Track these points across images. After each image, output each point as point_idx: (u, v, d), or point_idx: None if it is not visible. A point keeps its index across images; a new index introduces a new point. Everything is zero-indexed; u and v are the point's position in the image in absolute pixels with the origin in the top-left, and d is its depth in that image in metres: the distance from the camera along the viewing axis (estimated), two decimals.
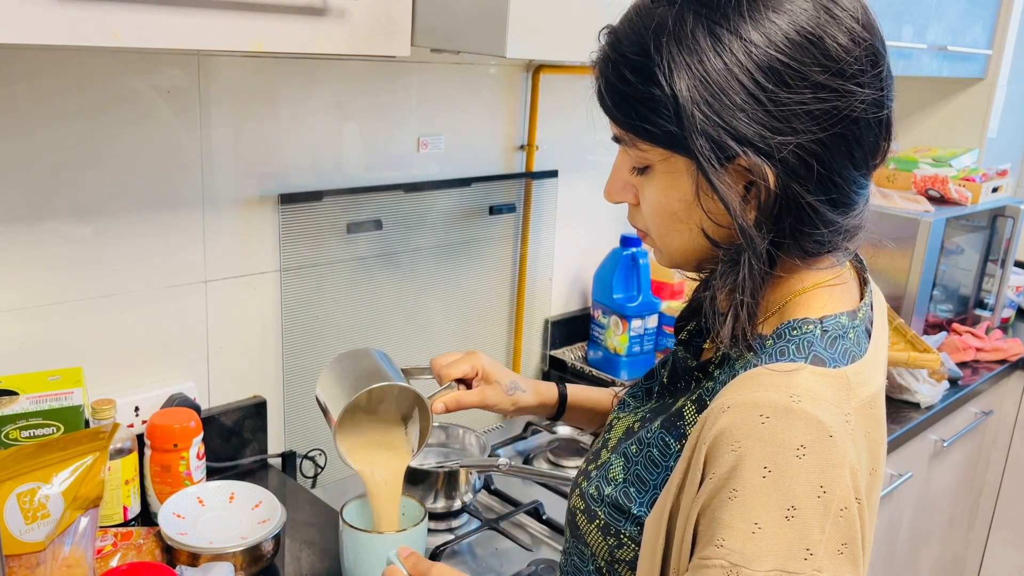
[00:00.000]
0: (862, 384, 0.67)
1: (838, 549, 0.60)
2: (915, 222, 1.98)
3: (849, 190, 0.68)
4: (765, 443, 0.60)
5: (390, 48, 1.02)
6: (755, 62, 0.63)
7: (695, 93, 0.63)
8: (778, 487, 0.60)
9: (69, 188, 1.17)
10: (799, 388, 0.63)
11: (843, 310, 0.71)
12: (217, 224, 1.32)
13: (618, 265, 1.80)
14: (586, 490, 0.78)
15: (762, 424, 0.61)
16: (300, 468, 1.47)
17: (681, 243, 0.72)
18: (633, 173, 0.73)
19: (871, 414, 0.68)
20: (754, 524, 0.60)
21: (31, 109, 1.12)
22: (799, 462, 0.60)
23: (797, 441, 0.60)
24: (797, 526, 0.59)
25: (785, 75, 0.63)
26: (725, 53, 0.63)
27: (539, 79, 1.68)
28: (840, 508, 0.60)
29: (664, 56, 0.64)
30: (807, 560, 0.59)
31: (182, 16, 0.84)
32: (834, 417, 0.62)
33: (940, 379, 1.91)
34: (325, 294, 1.48)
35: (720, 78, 0.63)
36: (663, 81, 0.64)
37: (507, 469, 1.29)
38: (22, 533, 0.93)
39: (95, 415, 1.15)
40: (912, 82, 2.56)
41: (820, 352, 0.67)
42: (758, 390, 0.63)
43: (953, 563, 2.40)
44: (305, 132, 1.39)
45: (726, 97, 0.63)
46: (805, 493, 0.60)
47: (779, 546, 0.59)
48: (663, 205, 0.71)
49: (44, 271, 1.18)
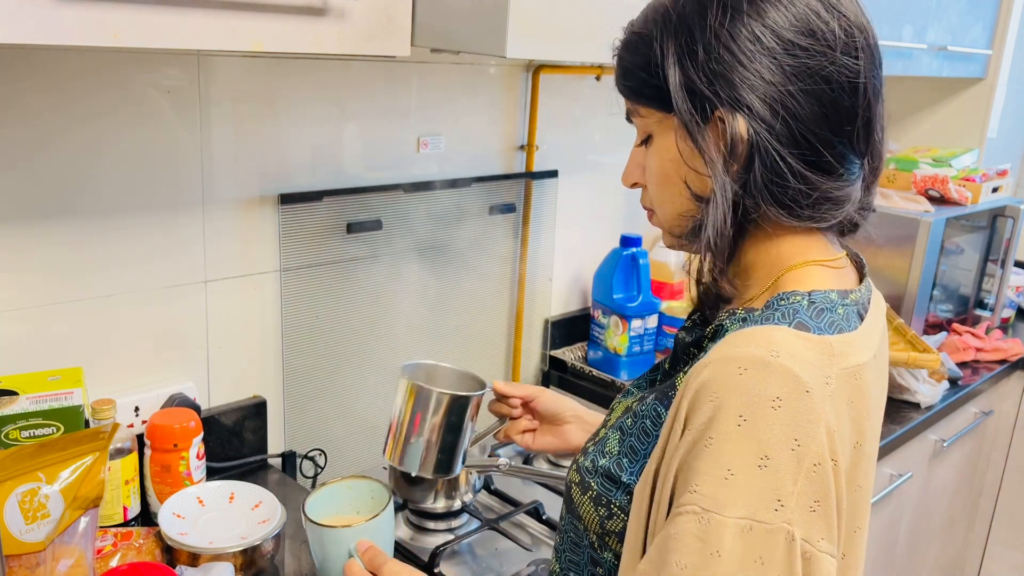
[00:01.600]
0: (847, 354, 0.68)
1: (810, 505, 0.61)
2: (915, 222, 1.98)
3: (827, 152, 0.70)
4: (741, 394, 0.62)
5: (390, 48, 1.02)
6: (734, 20, 0.69)
7: (680, 52, 0.70)
8: (752, 436, 0.61)
9: (69, 188, 1.17)
10: (779, 345, 0.64)
11: (834, 288, 0.73)
12: (217, 224, 1.32)
13: (618, 265, 1.80)
14: (582, 464, 0.80)
15: (739, 376, 0.63)
16: (300, 468, 1.47)
17: (674, 207, 0.77)
18: (643, 150, 0.79)
19: (856, 384, 0.68)
20: (727, 471, 0.61)
21: (31, 109, 1.12)
22: (774, 413, 0.61)
23: (773, 393, 0.62)
24: (769, 476, 0.60)
25: (757, 31, 0.69)
26: (706, 16, 0.70)
27: (539, 79, 1.68)
28: (814, 463, 0.61)
29: (659, 25, 0.72)
30: (778, 511, 0.60)
31: (182, 16, 0.84)
32: (813, 376, 0.63)
33: (940, 379, 1.91)
34: (325, 294, 1.48)
35: (703, 37, 0.69)
36: (655, 45, 0.72)
37: (507, 469, 1.29)
38: (22, 533, 0.93)
39: (95, 415, 1.15)
40: (912, 82, 2.56)
41: (805, 319, 0.69)
42: (739, 346, 0.65)
43: (953, 563, 2.40)
44: (305, 132, 1.39)
45: (705, 53, 0.69)
46: (779, 444, 0.61)
47: (750, 494, 0.60)
48: (659, 169, 0.76)
49: (44, 271, 1.18)
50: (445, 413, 1.02)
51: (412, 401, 1.03)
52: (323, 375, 1.51)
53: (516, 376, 1.85)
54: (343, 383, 1.55)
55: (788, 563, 0.60)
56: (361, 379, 1.57)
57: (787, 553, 0.60)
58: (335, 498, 1.06)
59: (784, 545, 0.60)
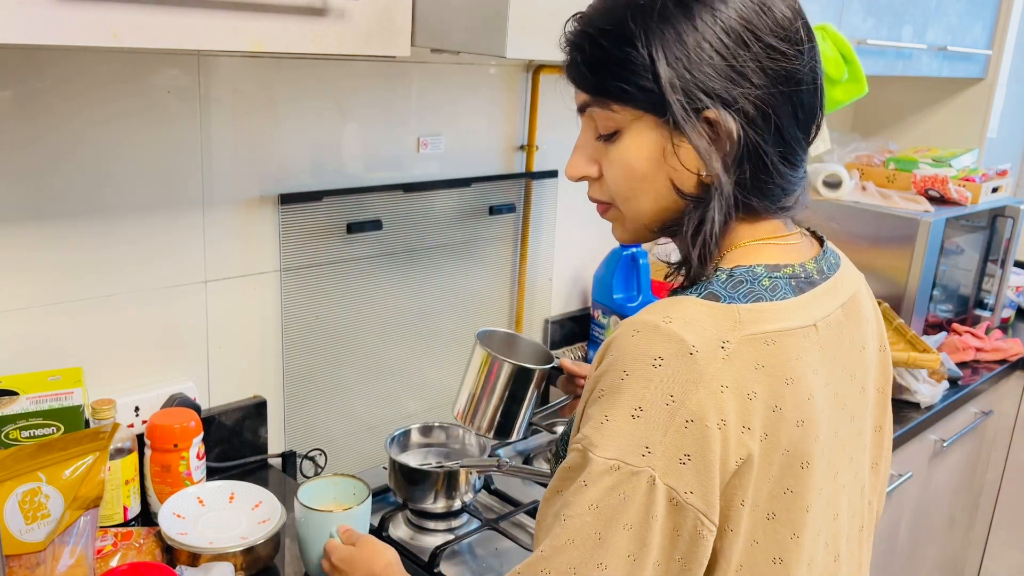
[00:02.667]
0: (758, 321, 0.71)
1: (679, 458, 0.67)
2: (915, 222, 1.98)
3: (796, 148, 0.76)
4: (628, 352, 0.69)
5: (390, 48, 1.02)
6: (720, 25, 0.71)
7: (669, 53, 0.71)
8: (630, 389, 0.68)
9: (69, 188, 1.17)
10: (675, 312, 0.70)
11: (763, 263, 0.76)
12: (217, 224, 1.32)
13: (618, 265, 1.80)
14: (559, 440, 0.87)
15: (631, 337, 0.69)
16: (300, 468, 1.47)
17: (647, 204, 0.77)
18: (599, 142, 0.78)
19: (768, 350, 0.71)
20: (604, 417, 0.68)
21: (31, 109, 1.12)
22: (653, 370, 0.67)
23: (656, 352, 0.68)
24: (640, 425, 0.67)
25: (743, 36, 0.71)
26: (693, 19, 0.71)
27: (539, 79, 1.68)
28: (686, 419, 0.66)
29: (639, 24, 0.72)
30: (644, 457, 0.66)
31: (182, 16, 0.84)
32: (704, 340, 0.68)
33: (940, 379, 1.91)
34: (325, 294, 1.48)
35: (690, 39, 0.71)
36: (639, 44, 0.72)
37: (507, 469, 1.29)
38: (22, 533, 0.93)
39: (95, 415, 1.15)
40: (912, 82, 2.56)
41: (716, 290, 0.73)
42: (642, 313, 0.72)
43: (953, 563, 2.40)
44: (305, 132, 1.39)
45: (695, 55, 0.71)
46: (654, 398, 0.67)
47: (621, 439, 0.67)
48: (632, 166, 0.76)
49: (44, 271, 1.18)
50: (509, 382, 1.10)
51: (484, 367, 1.11)
52: (323, 375, 1.51)
53: None
54: (343, 383, 1.55)
55: (647, 503, 0.66)
56: (361, 379, 1.57)
57: (647, 494, 0.66)
58: (322, 491, 1.18)
59: (645, 487, 0.66)
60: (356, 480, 1.19)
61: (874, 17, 1.96)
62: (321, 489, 1.18)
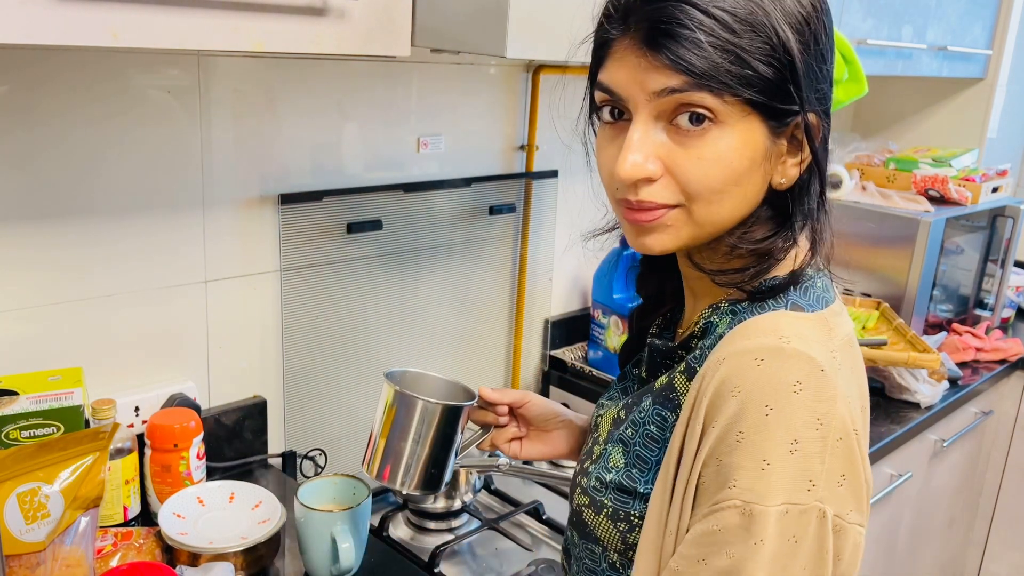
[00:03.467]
0: (840, 325, 0.71)
1: (837, 481, 0.63)
2: (915, 222, 1.98)
3: None
4: (763, 384, 0.63)
5: (390, 48, 1.02)
6: (822, 25, 0.69)
7: (799, 39, 0.66)
8: (780, 423, 0.62)
9: (69, 188, 1.17)
10: (786, 330, 0.66)
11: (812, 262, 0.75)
12: (217, 224, 1.32)
13: (618, 265, 1.80)
14: (587, 485, 0.78)
15: (758, 367, 0.64)
16: (300, 468, 1.47)
17: (732, 208, 0.70)
18: (666, 137, 0.68)
19: (852, 352, 0.71)
20: (763, 461, 0.62)
21: (31, 109, 1.12)
22: (797, 397, 0.63)
23: (793, 378, 0.63)
24: (800, 459, 0.62)
25: (831, 40, 0.70)
26: (810, 17, 0.68)
27: (539, 79, 1.68)
28: (836, 438, 0.63)
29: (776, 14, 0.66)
30: (810, 491, 0.62)
31: (182, 16, 0.84)
32: (822, 353, 0.66)
33: (940, 379, 1.91)
34: (325, 294, 1.48)
35: (809, 38, 0.67)
36: (769, 31, 0.65)
37: (507, 469, 1.29)
38: (22, 533, 0.93)
39: (95, 415, 1.15)
40: (912, 82, 2.56)
41: (796, 300, 0.71)
42: (748, 338, 0.66)
43: (953, 563, 2.40)
44: (305, 132, 1.39)
45: (815, 55, 0.68)
46: (805, 426, 0.63)
47: (786, 480, 0.62)
48: (733, 166, 0.67)
49: (44, 271, 1.18)
50: (437, 425, 0.94)
51: (399, 411, 0.95)
52: (323, 375, 1.51)
53: (516, 376, 1.85)
54: (343, 383, 1.55)
55: (820, 538, 0.63)
56: (361, 379, 1.57)
57: (819, 529, 0.63)
58: (322, 491, 1.18)
59: (816, 522, 0.63)
60: (356, 480, 1.18)
61: (874, 17, 1.96)
62: (321, 489, 1.18)
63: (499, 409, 1.00)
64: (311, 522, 1.11)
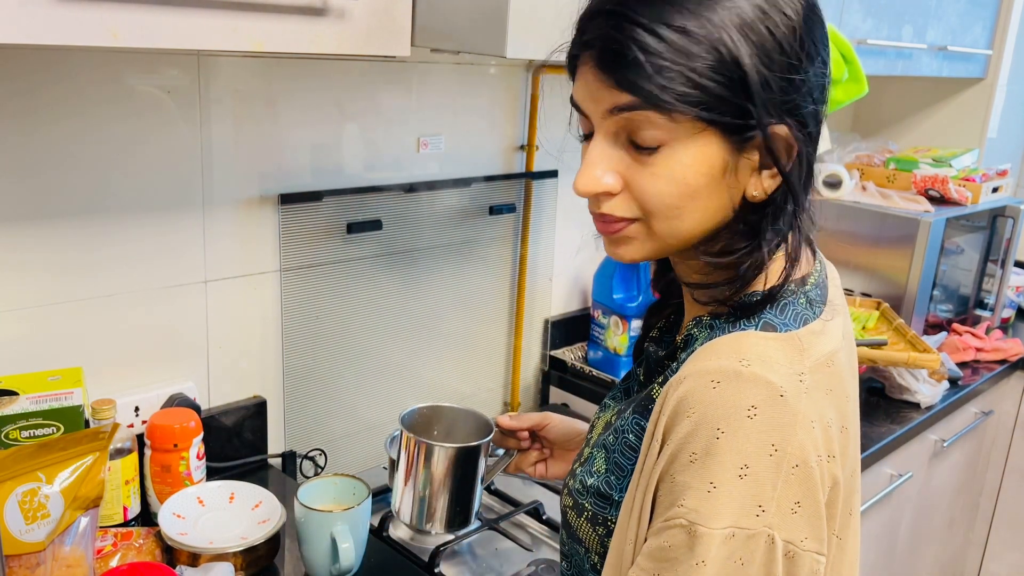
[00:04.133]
0: (816, 344, 0.69)
1: (791, 508, 0.62)
2: (915, 222, 1.98)
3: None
4: (717, 407, 0.63)
5: (390, 48, 1.02)
6: (792, 34, 0.65)
7: (755, 60, 0.64)
8: (731, 448, 0.62)
9: (69, 188, 1.17)
10: (748, 352, 0.65)
11: (792, 278, 0.72)
12: (217, 224, 1.32)
13: (618, 265, 1.80)
14: (572, 487, 0.80)
15: (713, 389, 0.63)
16: (300, 468, 1.47)
17: (692, 223, 0.69)
18: (625, 152, 0.68)
19: (831, 372, 0.69)
20: (710, 484, 0.62)
21: (31, 109, 1.12)
22: (750, 422, 0.62)
23: (748, 402, 0.62)
24: (750, 484, 0.61)
25: (808, 47, 0.66)
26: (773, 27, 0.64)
27: (539, 79, 1.68)
28: (792, 465, 0.62)
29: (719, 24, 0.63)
30: (759, 516, 0.62)
31: (182, 16, 0.84)
32: (785, 378, 0.64)
33: (940, 379, 1.91)
34: (325, 294, 1.48)
35: (773, 48, 0.64)
36: (722, 49, 0.63)
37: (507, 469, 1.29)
38: (22, 533, 0.93)
39: (95, 415, 1.15)
40: (912, 82, 2.56)
41: (769, 319, 0.69)
42: (710, 359, 0.66)
43: (953, 563, 2.40)
44: (305, 132, 1.39)
45: (781, 65, 0.65)
46: (757, 452, 0.62)
47: (733, 504, 0.61)
48: (687, 182, 0.67)
49: (44, 271, 1.18)
50: (455, 466, 0.97)
51: (417, 458, 0.97)
52: (323, 375, 1.51)
53: (516, 376, 1.85)
54: (343, 383, 1.55)
55: (767, 563, 0.62)
56: (361, 379, 1.57)
57: (767, 554, 0.62)
58: (322, 491, 1.18)
59: (764, 547, 0.62)
60: (356, 480, 1.19)
61: (874, 17, 1.96)
62: (321, 489, 1.18)
63: (520, 434, 1.02)
64: (311, 522, 1.11)
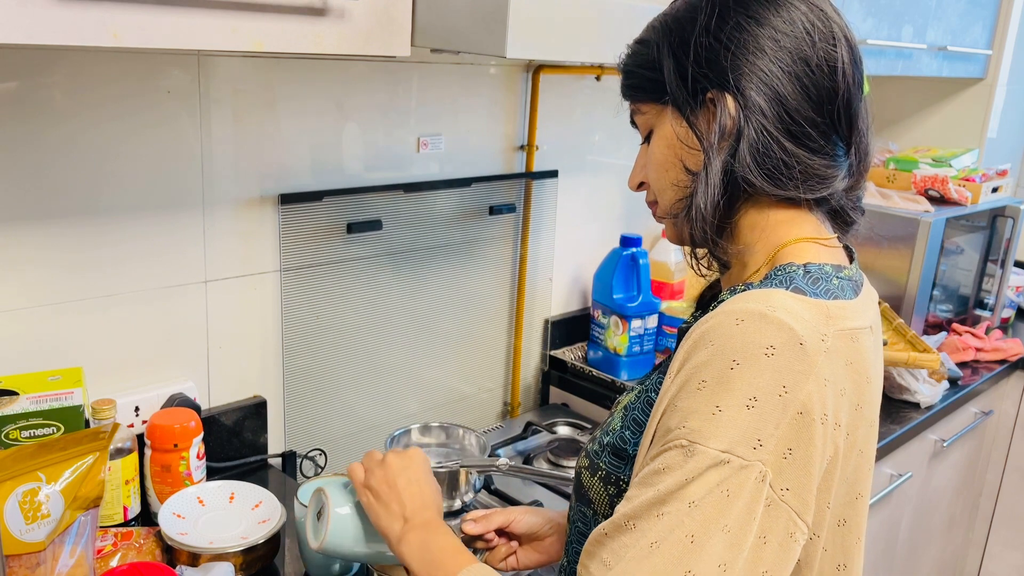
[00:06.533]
0: (843, 318, 0.70)
1: (783, 452, 0.63)
2: (915, 222, 1.98)
3: (812, 130, 0.73)
4: (737, 340, 0.65)
5: (390, 48, 1.02)
6: (721, 16, 0.73)
7: (670, 44, 0.76)
8: (743, 378, 0.64)
9: (70, 188, 1.17)
10: (776, 302, 0.67)
11: (827, 262, 0.75)
12: (217, 224, 1.32)
13: (618, 265, 1.80)
14: (591, 448, 0.81)
15: (736, 325, 0.66)
16: (300, 468, 1.47)
17: (673, 191, 0.79)
18: (645, 148, 0.82)
19: (854, 347, 0.70)
20: (716, 407, 0.64)
21: (31, 109, 1.12)
22: (767, 359, 0.64)
23: (767, 342, 0.64)
24: (755, 416, 0.63)
25: (742, 22, 0.73)
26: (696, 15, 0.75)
27: (539, 79, 1.68)
28: (797, 412, 0.64)
29: (655, 31, 0.79)
30: (755, 450, 0.63)
31: (182, 16, 0.84)
32: (808, 331, 0.66)
33: (940, 379, 1.91)
34: (325, 294, 1.48)
35: (690, 30, 0.74)
36: (652, 45, 0.78)
37: (507, 469, 1.29)
38: (22, 533, 0.93)
39: (95, 415, 1.15)
40: (912, 82, 2.56)
41: (801, 285, 0.71)
42: (737, 303, 0.68)
43: (953, 563, 2.40)
44: (305, 132, 1.39)
45: (694, 43, 0.74)
46: (768, 388, 0.63)
47: (735, 430, 0.63)
48: (659, 157, 0.79)
49: (44, 271, 1.18)
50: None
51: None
52: (323, 375, 1.51)
53: (516, 376, 1.85)
54: (343, 383, 1.55)
55: (750, 503, 0.63)
56: (361, 379, 1.57)
57: (753, 492, 0.63)
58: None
59: (753, 484, 0.63)
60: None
61: (874, 17, 1.96)
62: None
63: (487, 536, 1.00)
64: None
